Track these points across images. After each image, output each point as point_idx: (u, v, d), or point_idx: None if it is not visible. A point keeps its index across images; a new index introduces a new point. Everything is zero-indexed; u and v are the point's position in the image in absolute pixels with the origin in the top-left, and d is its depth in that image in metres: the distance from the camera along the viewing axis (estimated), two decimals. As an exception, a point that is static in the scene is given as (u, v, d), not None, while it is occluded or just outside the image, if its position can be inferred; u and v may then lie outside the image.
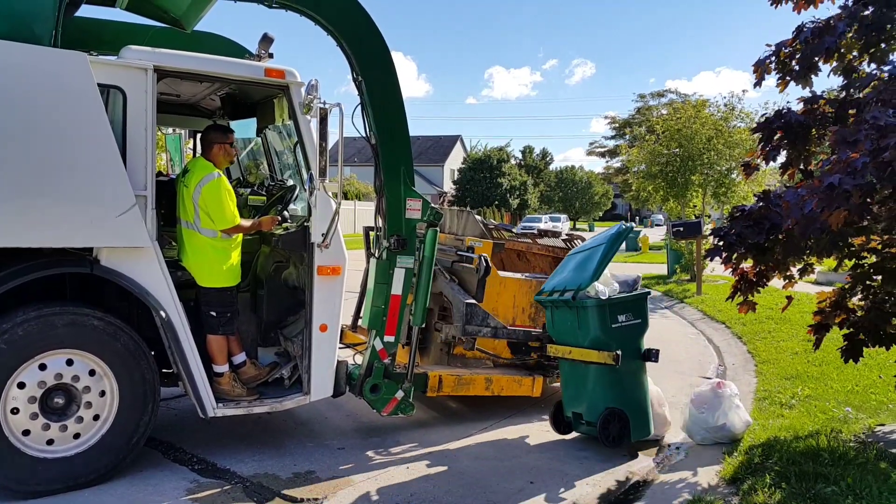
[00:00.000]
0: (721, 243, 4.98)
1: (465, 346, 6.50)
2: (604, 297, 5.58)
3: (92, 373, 4.62)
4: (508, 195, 57.39)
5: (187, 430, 5.81)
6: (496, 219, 48.32)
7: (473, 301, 6.26)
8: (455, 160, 66.66)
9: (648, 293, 5.97)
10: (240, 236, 5.35)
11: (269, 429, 5.97)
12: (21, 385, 4.39)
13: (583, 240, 8.10)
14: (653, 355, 5.71)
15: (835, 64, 5.19)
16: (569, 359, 5.82)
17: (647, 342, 5.80)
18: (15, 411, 4.38)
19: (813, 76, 5.18)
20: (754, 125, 5.49)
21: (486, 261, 6.30)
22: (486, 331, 6.30)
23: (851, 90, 5.13)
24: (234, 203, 5.19)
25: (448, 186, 62.77)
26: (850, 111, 4.95)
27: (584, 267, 5.88)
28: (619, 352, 5.40)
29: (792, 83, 5.29)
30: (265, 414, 5.74)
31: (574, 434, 6.08)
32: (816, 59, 5.06)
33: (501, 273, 7.01)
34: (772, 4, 5.46)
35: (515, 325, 6.91)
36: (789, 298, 6.09)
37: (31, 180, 4.21)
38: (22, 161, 4.17)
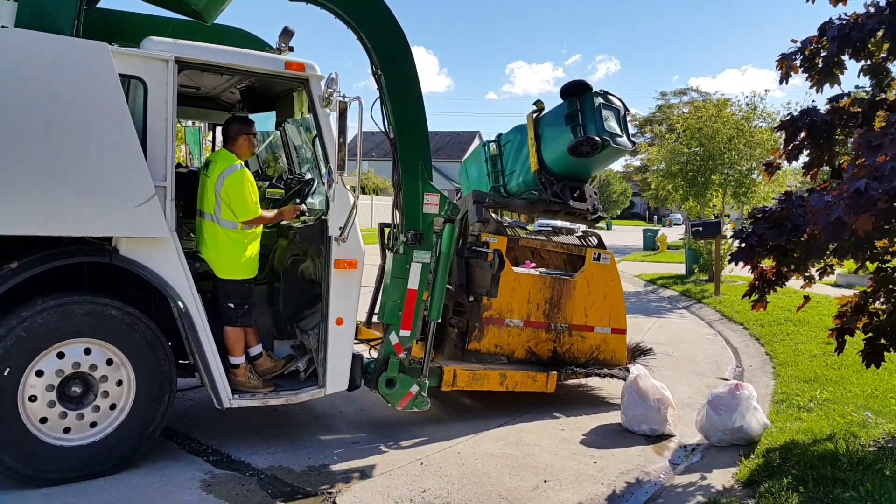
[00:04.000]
0: (743, 245, 4.93)
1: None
2: None
3: (109, 362, 4.65)
4: (525, 192, 57.15)
5: (203, 421, 5.84)
6: (511, 216, 48.18)
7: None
8: (473, 156, 66.47)
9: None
10: (259, 228, 5.36)
11: (284, 421, 5.98)
12: (39, 373, 4.42)
13: (598, 237, 8.05)
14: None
15: (862, 63, 5.10)
16: None
17: (664, 342, 5.75)
18: (33, 399, 4.41)
19: (840, 74, 5.09)
20: (776, 125, 5.41)
21: (499, 255, 6.28)
22: None
23: (882, 90, 5.05)
24: (255, 194, 5.20)
25: (465, 182, 62.59)
26: (880, 112, 4.87)
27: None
28: None
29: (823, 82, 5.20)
30: (280, 406, 5.75)
31: (588, 432, 6.06)
32: (844, 56, 4.97)
33: (516, 269, 6.99)
34: (807, 1, 5.34)
35: (530, 321, 6.90)
36: (806, 298, 6.02)
37: (51, 170, 4.23)
38: (43, 150, 4.19)
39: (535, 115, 7.55)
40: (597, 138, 6.96)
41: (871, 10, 4.89)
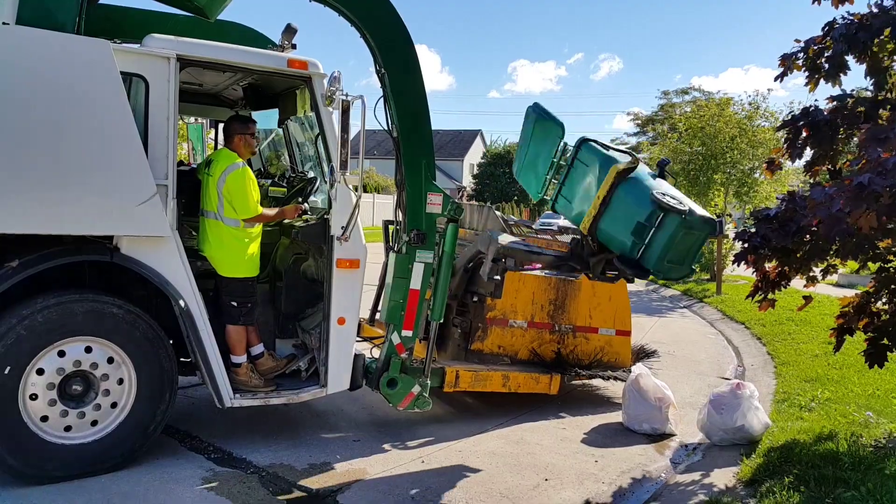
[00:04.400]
0: (746, 246, 4.92)
1: (493, 293, 6.40)
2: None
3: (110, 360, 4.65)
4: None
5: (204, 420, 5.83)
6: (515, 215, 48.20)
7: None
8: (475, 155, 66.48)
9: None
10: (260, 226, 5.36)
11: (286, 419, 5.98)
12: (40, 371, 4.41)
13: None
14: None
15: (866, 63, 5.08)
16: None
17: (666, 341, 5.73)
18: (34, 397, 4.41)
19: (842, 75, 5.08)
20: (778, 124, 5.40)
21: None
22: (519, 247, 6.40)
23: (883, 90, 5.03)
24: (257, 192, 5.20)
25: (467, 181, 62.60)
26: (882, 111, 4.85)
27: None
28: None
29: (822, 82, 5.19)
30: (282, 405, 5.74)
31: (590, 431, 6.05)
32: (848, 56, 4.96)
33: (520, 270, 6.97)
34: (813, 3, 5.33)
35: (534, 322, 6.89)
36: (807, 298, 6.00)
37: (52, 168, 4.22)
38: (44, 149, 4.19)
39: (623, 171, 5.64)
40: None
41: (875, 9, 4.87)
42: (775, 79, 5.40)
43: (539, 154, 6.71)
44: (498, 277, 6.16)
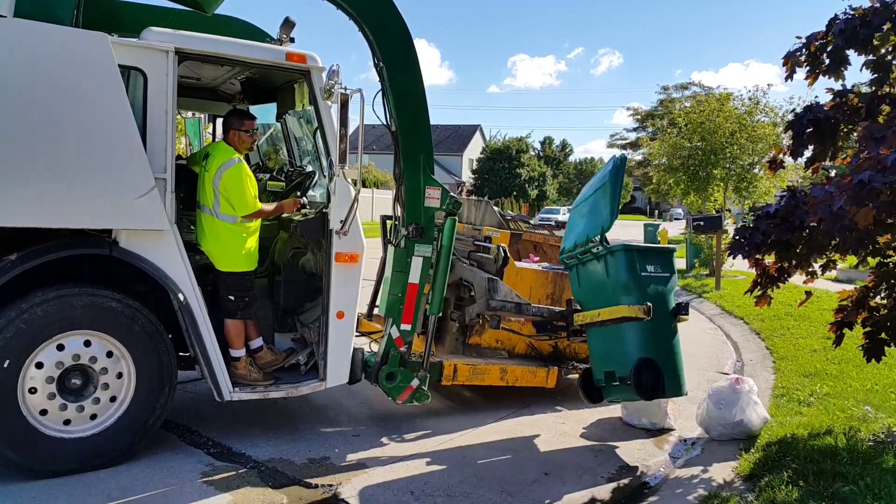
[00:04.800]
0: (743, 241, 4.91)
1: (490, 324, 6.28)
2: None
3: (109, 354, 4.64)
4: (527, 186, 57.15)
5: (203, 414, 5.84)
6: (514, 210, 48.21)
7: (494, 277, 6.11)
8: (474, 150, 66.45)
9: (675, 249, 5.79)
10: (258, 221, 5.35)
11: (285, 414, 5.98)
12: (39, 365, 4.41)
13: None
14: (682, 309, 5.45)
15: (866, 58, 5.08)
16: (598, 322, 5.56)
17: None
18: (33, 391, 4.41)
19: (844, 70, 5.07)
20: (778, 120, 5.38)
21: (504, 251, 6.24)
22: (509, 306, 6.09)
23: (884, 85, 5.03)
24: (254, 188, 5.19)
25: (466, 176, 62.60)
26: (884, 107, 4.85)
27: (597, 211, 5.68)
28: (649, 304, 5.20)
29: (822, 77, 5.18)
30: (281, 399, 5.75)
31: (589, 426, 6.05)
32: (849, 51, 4.95)
33: (518, 263, 6.97)
34: None
35: (532, 315, 6.88)
36: (808, 294, 6.01)
37: (50, 161, 4.22)
38: (42, 142, 4.18)
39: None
40: None
41: (878, 4, 4.86)
42: (785, 79, 5.38)
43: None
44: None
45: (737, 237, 5.01)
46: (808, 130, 5.07)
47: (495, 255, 6.28)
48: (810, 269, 5.34)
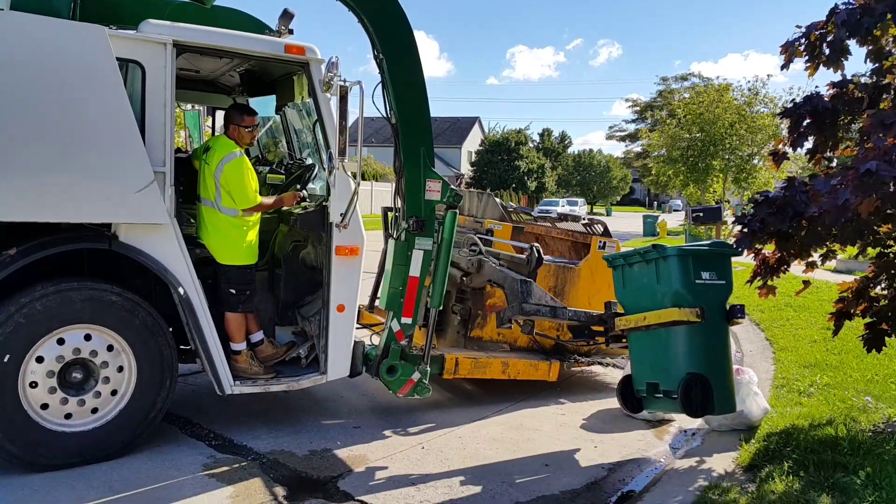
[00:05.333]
0: (745, 230, 4.90)
1: (523, 329, 5.97)
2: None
3: (110, 348, 4.64)
4: (526, 178, 57.12)
5: (204, 407, 5.84)
6: (514, 202, 48.17)
7: (528, 278, 5.83)
8: (473, 142, 66.37)
9: (731, 252, 5.21)
10: (258, 214, 5.34)
11: (286, 406, 5.99)
12: (39, 359, 4.41)
13: (603, 225, 7.98)
14: (738, 312, 5.11)
15: (867, 48, 5.06)
16: (643, 326, 5.20)
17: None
18: (33, 385, 4.41)
19: (844, 60, 5.05)
20: (778, 110, 5.38)
21: (538, 251, 6.04)
22: (544, 310, 5.73)
23: (885, 76, 5.01)
24: (255, 182, 5.18)
25: (465, 168, 62.53)
26: (885, 97, 4.83)
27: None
28: (703, 306, 4.87)
29: (822, 68, 5.16)
30: (282, 392, 5.75)
31: (590, 417, 6.06)
32: (850, 41, 4.93)
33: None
34: None
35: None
36: (806, 283, 6.00)
37: (49, 155, 4.20)
38: (40, 136, 4.17)
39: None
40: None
41: None
42: (781, 68, 5.36)
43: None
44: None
45: (737, 226, 4.99)
46: (807, 122, 5.05)
47: (528, 255, 6.08)
48: (810, 260, 5.33)
